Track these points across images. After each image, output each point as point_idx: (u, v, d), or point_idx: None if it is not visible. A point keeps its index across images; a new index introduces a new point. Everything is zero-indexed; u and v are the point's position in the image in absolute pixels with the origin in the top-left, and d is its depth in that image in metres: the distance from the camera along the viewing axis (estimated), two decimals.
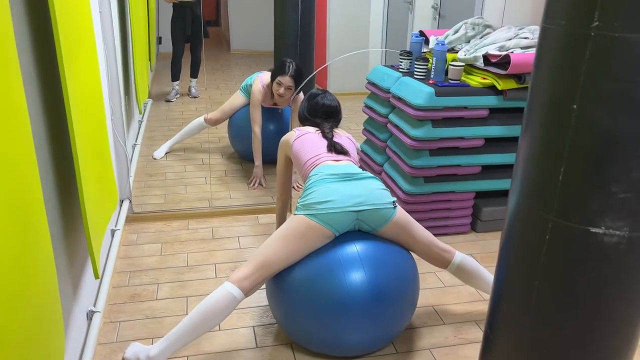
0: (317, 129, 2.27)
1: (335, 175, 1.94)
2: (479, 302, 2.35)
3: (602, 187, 1.13)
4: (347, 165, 2.04)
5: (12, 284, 1.03)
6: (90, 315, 2.01)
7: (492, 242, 2.88)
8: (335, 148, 2.12)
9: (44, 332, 1.22)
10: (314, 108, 2.35)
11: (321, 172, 1.98)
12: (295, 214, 1.90)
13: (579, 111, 1.10)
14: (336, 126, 2.35)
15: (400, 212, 1.95)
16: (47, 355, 1.25)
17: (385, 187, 1.97)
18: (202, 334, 1.84)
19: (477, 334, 2.14)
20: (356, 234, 1.93)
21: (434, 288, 2.44)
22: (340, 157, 2.10)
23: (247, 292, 1.84)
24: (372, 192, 1.90)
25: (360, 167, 2.13)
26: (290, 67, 3.15)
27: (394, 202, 1.94)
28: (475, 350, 2.05)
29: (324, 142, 2.17)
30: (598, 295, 1.23)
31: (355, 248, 1.87)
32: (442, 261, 2.07)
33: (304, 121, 2.38)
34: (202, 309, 1.80)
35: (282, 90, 3.19)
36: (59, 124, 1.72)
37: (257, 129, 3.40)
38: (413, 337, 2.11)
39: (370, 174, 2.00)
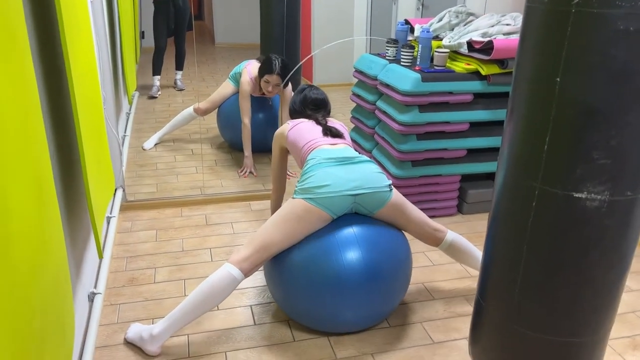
0: (307, 119, 2.33)
1: (332, 159, 1.99)
2: (466, 278, 2.44)
3: (584, 155, 1.22)
4: (344, 148, 2.09)
5: (33, 259, 1.08)
6: (91, 297, 2.06)
7: (477, 224, 2.98)
8: (330, 132, 2.18)
9: (58, 307, 1.27)
10: (303, 101, 2.41)
11: (318, 156, 2.02)
12: (293, 198, 1.94)
13: (561, 84, 1.19)
14: (327, 116, 2.42)
15: (396, 195, 2.02)
16: (62, 330, 1.30)
17: (381, 171, 2.02)
18: (203, 313, 1.90)
19: (466, 307, 2.24)
20: (353, 215, 2.00)
21: (424, 267, 2.53)
22: (336, 140, 2.16)
23: (247, 273, 1.90)
24: (368, 176, 1.95)
25: (355, 149, 2.20)
26: (277, 64, 3.20)
27: (390, 185, 2.00)
28: (465, 323, 2.14)
29: (319, 128, 2.23)
30: (581, 257, 1.33)
31: (351, 229, 1.94)
32: (434, 240, 2.15)
33: (295, 114, 2.43)
34: (204, 289, 1.86)
35: (270, 88, 3.27)
36: (63, 111, 1.76)
37: (246, 120, 3.45)
38: (405, 312, 2.20)
39: (366, 158, 2.05)
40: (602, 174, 1.22)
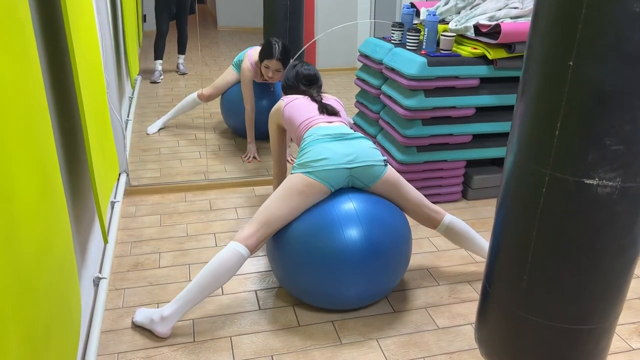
0: (302, 95, 2.36)
1: (328, 135, 2.05)
2: (471, 264, 2.44)
3: (596, 140, 1.20)
4: (340, 126, 2.15)
5: (39, 243, 1.07)
6: (96, 282, 2.06)
7: (482, 209, 2.97)
8: (326, 109, 2.23)
9: (64, 291, 1.27)
10: (296, 77, 2.46)
11: (315, 133, 2.08)
12: (292, 173, 2.00)
13: (574, 67, 1.17)
14: (320, 91, 2.45)
15: (391, 171, 2.07)
16: (69, 314, 1.30)
17: (376, 147, 2.07)
18: (212, 291, 1.90)
19: (470, 293, 2.23)
20: (353, 192, 2.02)
21: (428, 252, 2.53)
22: (333, 118, 2.21)
23: (253, 250, 1.94)
24: (363, 150, 2.01)
25: (352, 128, 2.24)
26: (277, 48, 3.11)
27: (384, 160, 2.05)
28: (469, 308, 2.14)
29: (315, 105, 2.27)
30: (591, 244, 1.31)
31: (352, 205, 1.97)
32: (431, 221, 2.17)
33: (289, 90, 2.48)
34: (212, 268, 1.88)
35: (270, 73, 3.19)
36: (67, 95, 1.74)
37: (249, 108, 3.43)
38: (409, 297, 2.20)
39: (361, 135, 2.10)
40: (614, 160, 1.20)
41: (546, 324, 1.42)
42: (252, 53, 3.43)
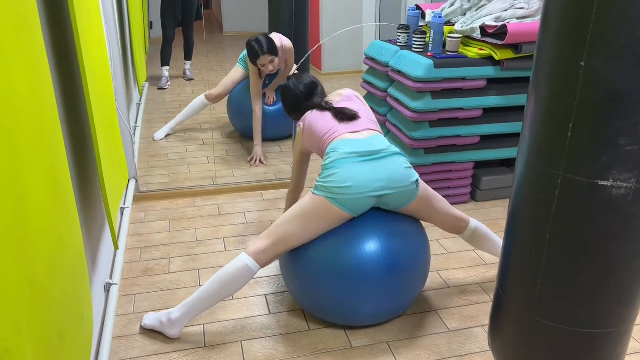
0: (312, 110, 2.12)
1: (355, 153, 1.84)
2: (481, 266, 2.43)
3: (609, 141, 1.18)
4: (368, 138, 1.91)
5: (51, 251, 1.08)
6: (107, 288, 2.07)
7: (491, 211, 2.96)
8: (343, 114, 1.99)
9: (77, 297, 1.27)
10: (295, 99, 2.21)
11: (340, 148, 1.87)
12: (314, 193, 1.86)
13: (586, 67, 1.16)
14: (324, 96, 2.22)
15: (422, 190, 1.93)
16: (81, 320, 1.31)
17: (409, 164, 1.90)
18: (218, 302, 1.90)
19: (481, 295, 2.22)
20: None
21: (438, 255, 2.52)
22: (356, 125, 1.97)
23: (263, 265, 1.89)
24: (394, 174, 1.83)
25: (377, 125, 2.03)
26: (257, 46, 3.21)
27: (417, 181, 1.89)
28: (480, 311, 2.13)
29: (328, 113, 2.04)
30: (606, 246, 1.29)
31: (370, 219, 1.90)
32: (457, 229, 2.11)
33: (293, 113, 2.25)
34: (220, 279, 1.86)
35: (270, 67, 3.29)
36: (76, 102, 1.75)
37: (257, 109, 3.45)
38: (420, 300, 2.19)
39: (393, 149, 1.90)
40: (629, 161, 1.19)
41: (561, 329, 1.39)
42: None
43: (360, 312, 1.92)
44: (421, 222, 2.10)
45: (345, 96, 2.15)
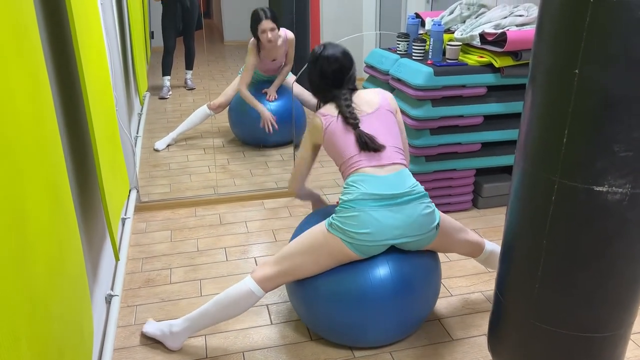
0: (337, 110, 1.90)
1: (376, 195, 1.75)
2: (484, 274, 2.42)
3: (604, 147, 1.19)
4: (392, 176, 1.80)
5: (51, 263, 1.08)
6: (108, 299, 2.07)
7: (493, 218, 2.95)
8: (367, 145, 1.82)
9: (77, 310, 1.27)
10: (322, 75, 1.97)
11: (361, 186, 1.77)
12: (329, 231, 1.78)
13: (580, 75, 1.16)
14: (353, 88, 1.99)
15: (441, 230, 1.86)
16: (81, 333, 1.30)
17: (431, 208, 1.81)
18: (220, 322, 1.91)
19: (484, 303, 2.21)
20: None
21: (441, 263, 2.50)
22: (380, 159, 1.82)
23: (268, 291, 1.87)
24: (415, 222, 1.76)
25: (400, 156, 1.88)
26: (262, 11, 3.38)
27: (437, 225, 1.83)
28: (483, 319, 2.12)
29: (352, 136, 1.85)
30: (603, 251, 1.30)
31: None
32: (473, 254, 2.09)
33: (317, 93, 2.04)
34: (223, 301, 1.85)
35: (268, 35, 3.41)
36: (76, 113, 1.76)
37: (243, 89, 3.61)
38: None
39: (416, 192, 1.79)
40: (624, 167, 1.19)
41: (559, 333, 1.40)
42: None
43: (368, 336, 1.89)
44: None
45: (376, 109, 1.91)
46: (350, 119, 1.86)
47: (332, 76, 1.96)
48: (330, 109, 1.93)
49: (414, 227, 1.77)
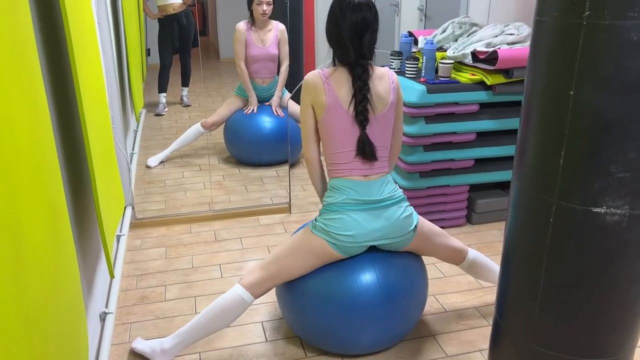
0: (350, 94, 1.79)
1: (360, 201, 1.82)
2: (478, 289, 2.43)
3: (601, 169, 1.20)
4: (375, 183, 1.85)
5: (47, 282, 1.08)
6: (103, 317, 2.06)
7: (487, 233, 2.96)
8: (364, 152, 1.82)
9: (72, 329, 1.27)
10: (336, 29, 1.85)
11: (347, 192, 1.83)
12: (313, 232, 1.85)
13: (575, 97, 1.18)
14: (371, 56, 1.89)
15: (419, 232, 1.93)
16: (76, 352, 1.30)
17: (409, 212, 1.89)
18: (212, 333, 1.90)
19: (478, 319, 2.22)
20: None
21: (435, 278, 2.52)
22: (370, 169, 1.86)
23: (257, 296, 1.89)
24: (394, 224, 1.85)
25: (386, 165, 1.92)
26: None
27: (414, 227, 1.91)
28: (478, 335, 2.12)
29: (355, 135, 1.81)
30: (603, 273, 1.29)
31: (366, 250, 1.91)
32: (455, 260, 2.12)
33: (333, 44, 1.90)
34: (214, 310, 1.86)
35: (264, 7, 3.62)
36: (71, 130, 1.77)
37: (241, 63, 3.76)
38: (418, 325, 2.18)
39: (396, 197, 1.87)
40: (621, 188, 1.20)
41: (560, 357, 1.38)
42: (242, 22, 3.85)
43: (357, 342, 1.92)
44: None
45: (384, 111, 1.85)
46: (360, 116, 1.79)
47: (353, 27, 1.79)
48: (341, 81, 1.81)
49: (393, 229, 1.86)
